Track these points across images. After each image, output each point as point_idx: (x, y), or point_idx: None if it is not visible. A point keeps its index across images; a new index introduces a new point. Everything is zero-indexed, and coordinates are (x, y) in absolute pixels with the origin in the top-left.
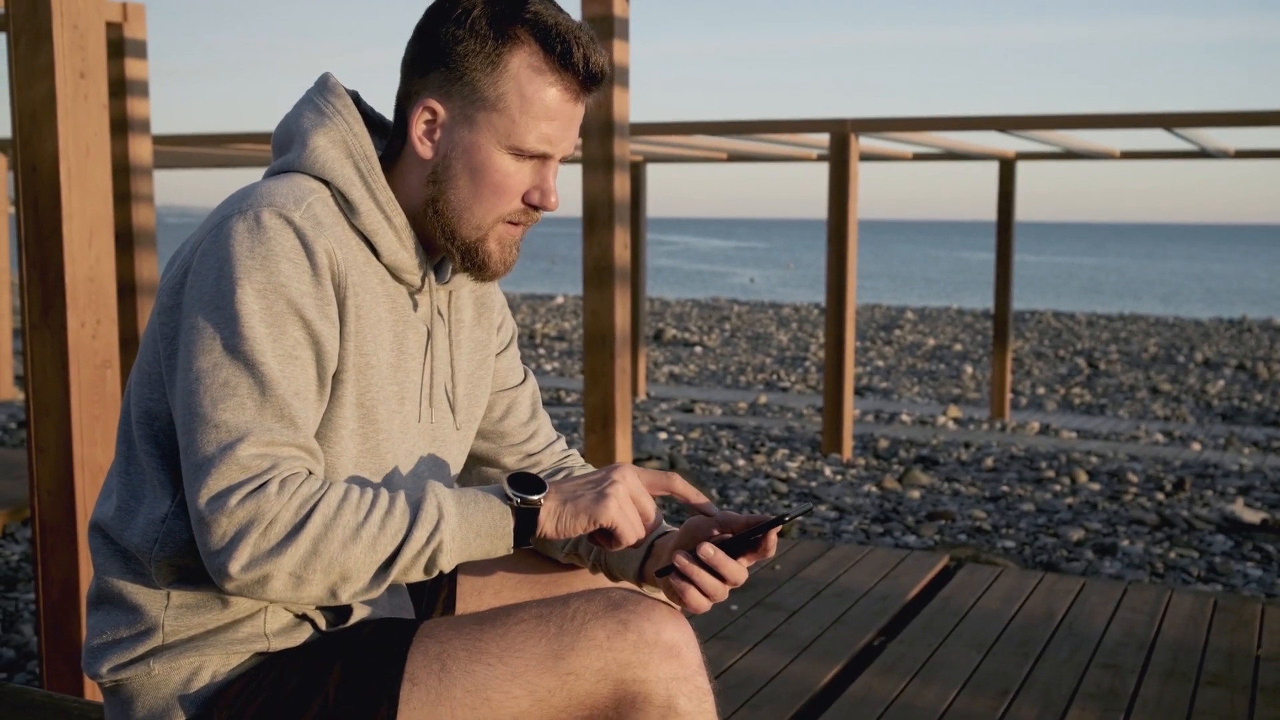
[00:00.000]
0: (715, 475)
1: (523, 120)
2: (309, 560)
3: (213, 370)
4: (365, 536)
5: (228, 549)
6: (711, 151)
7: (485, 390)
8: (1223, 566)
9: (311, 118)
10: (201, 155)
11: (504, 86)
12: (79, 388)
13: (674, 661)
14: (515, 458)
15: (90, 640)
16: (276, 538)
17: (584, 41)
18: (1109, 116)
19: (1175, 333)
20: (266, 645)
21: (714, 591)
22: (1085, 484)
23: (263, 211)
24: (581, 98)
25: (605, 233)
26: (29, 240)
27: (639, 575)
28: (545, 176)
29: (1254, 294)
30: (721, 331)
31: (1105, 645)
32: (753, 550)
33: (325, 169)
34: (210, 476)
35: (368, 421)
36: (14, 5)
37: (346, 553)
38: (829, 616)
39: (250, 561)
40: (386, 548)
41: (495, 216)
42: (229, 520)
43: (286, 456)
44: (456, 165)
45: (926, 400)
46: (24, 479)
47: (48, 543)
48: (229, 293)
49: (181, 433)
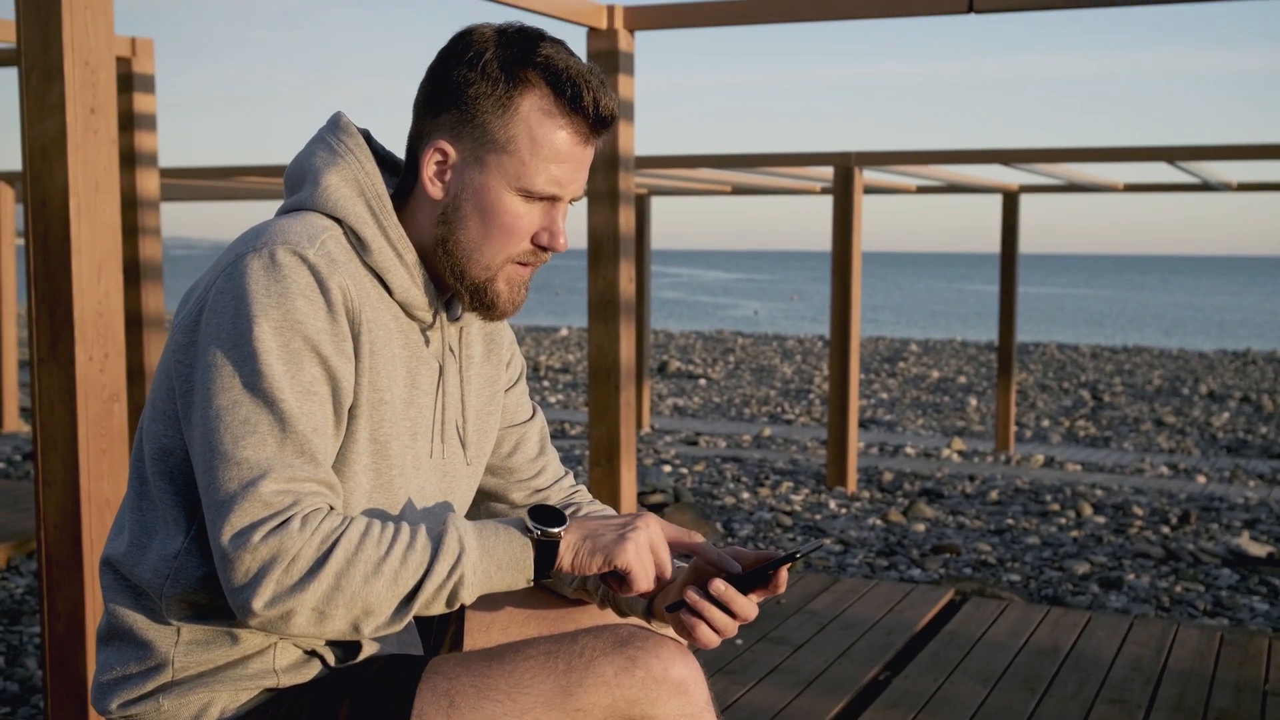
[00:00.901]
0: (720, 508)
1: (533, 162)
2: (332, 595)
3: (232, 408)
4: (387, 571)
5: (251, 585)
6: (716, 184)
7: (494, 426)
8: (1229, 600)
9: (324, 156)
10: (205, 188)
11: (515, 129)
12: (86, 421)
13: (682, 698)
14: (524, 493)
15: (100, 676)
16: (299, 573)
17: (594, 85)
18: (1112, 150)
19: (1179, 365)
20: (276, 681)
21: (724, 627)
22: (1090, 517)
23: (277, 249)
24: (591, 140)
25: (610, 266)
26: (38, 274)
27: (647, 611)
28: (554, 218)
29: (1257, 326)
30: (725, 364)
31: (1112, 680)
32: (763, 586)
33: (337, 207)
34: (233, 513)
35: (381, 457)
36: (26, 42)
37: (369, 587)
38: (834, 651)
39: (274, 598)
40: (409, 582)
41: (504, 257)
42: (252, 557)
43: (308, 492)
44: (467, 206)
45: (931, 433)
46: (29, 512)
47: (54, 577)
48: (246, 330)
49: (202, 470)
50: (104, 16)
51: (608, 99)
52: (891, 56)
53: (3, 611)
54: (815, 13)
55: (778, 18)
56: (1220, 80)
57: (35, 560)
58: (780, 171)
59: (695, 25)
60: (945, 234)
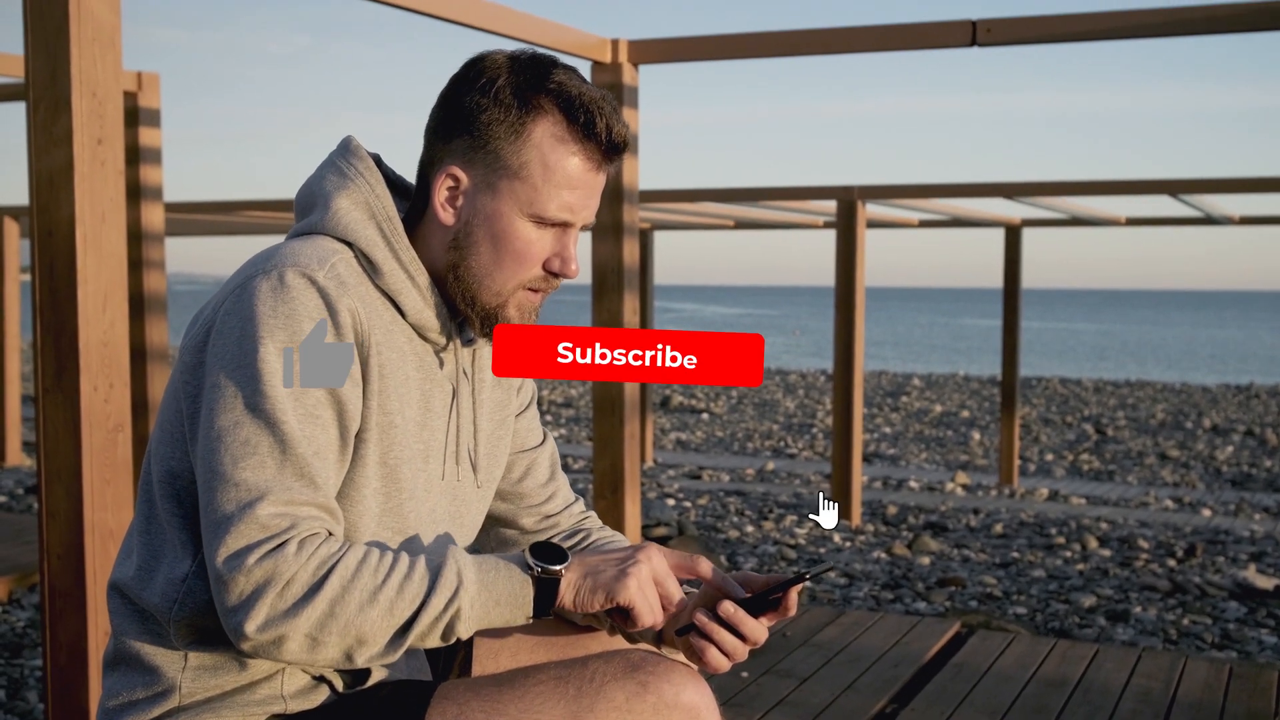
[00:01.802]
0: (724, 541)
1: (545, 189)
2: (325, 622)
3: (233, 429)
4: (383, 600)
5: (244, 607)
6: (718, 219)
7: (505, 450)
8: (1236, 633)
9: (334, 180)
10: (207, 223)
11: (527, 155)
12: (91, 452)
13: None
14: (534, 519)
15: (106, 701)
16: (293, 598)
17: (607, 112)
18: (1115, 183)
19: (1182, 399)
20: (284, 707)
21: (734, 651)
22: (1096, 550)
23: (286, 271)
24: (603, 167)
25: (614, 298)
26: (43, 305)
27: (658, 637)
28: (566, 244)
29: (1260, 360)
30: (728, 398)
31: (1121, 712)
32: (773, 609)
33: (348, 230)
34: (229, 535)
35: (391, 480)
36: (34, 73)
37: (363, 616)
38: (841, 683)
39: (266, 622)
40: (404, 612)
41: (516, 283)
42: (246, 579)
43: (306, 516)
44: (478, 232)
45: (934, 466)
46: (30, 545)
47: (56, 607)
48: (251, 351)
49: (201, 490)
50: (112, 48)
51: (620, 126)
52: (894, 92)
53: (4, 644)
54: (819, 47)
55: (782, 52)
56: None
57: (37, 593)
58: (783, 205)
59: (699, 59)
60: (946, 270)
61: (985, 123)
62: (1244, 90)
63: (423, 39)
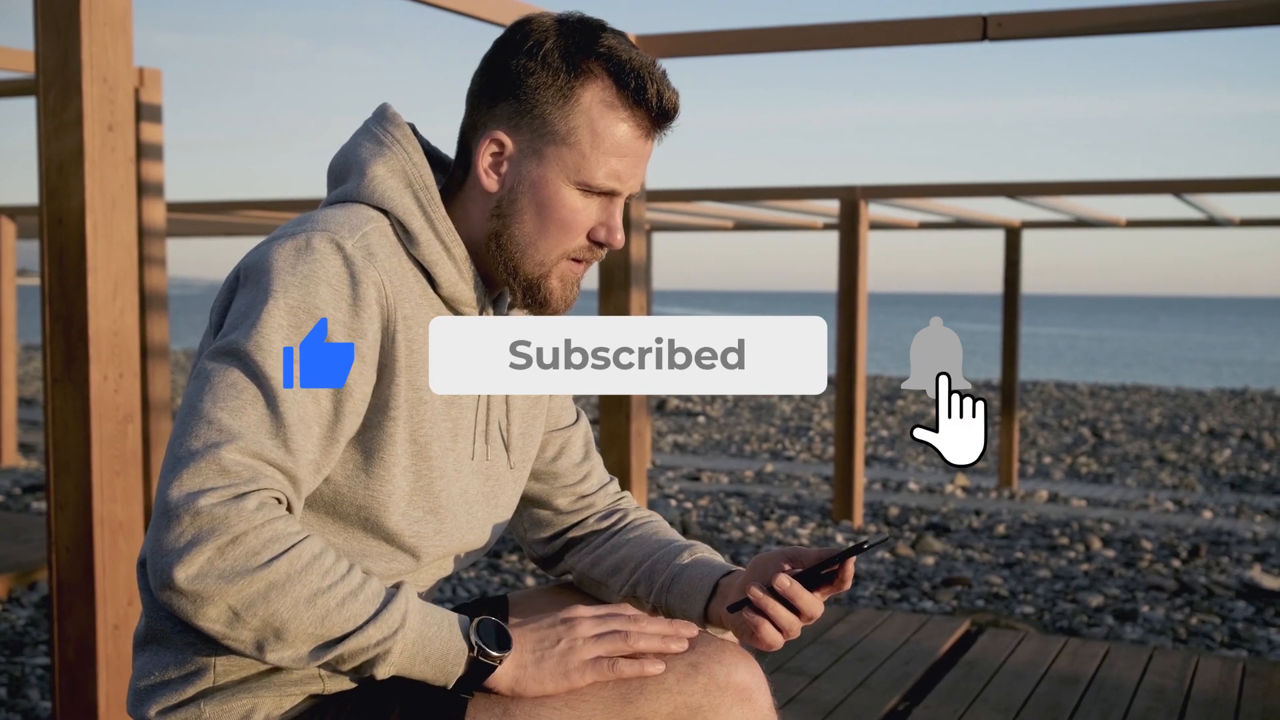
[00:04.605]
0: (727, 542)
1: (593, 155)
2: (255, 603)
3: (222, 371)
4: (320, 606)
5: (180, 552)
6: (717, 219)
7: (539, 430)
8: (1245, 632)
9: (370, 147)
10: (203, 223)
11: (575, 120)
12: (100, 443)
13: (746, 705)
14: (568, 499)
15: (137, 681)
16: (234, 563)
17: (657, 78)
18: (1117, 183)
19: (1178, 403)
20: (321, 687)
21: (789, 626)
22: (1100, 550)
23: (315, 236)
24: (652, 134)
25: (621, 295)
26: (53, 294)
27: (703, 617)
28: (612, 213)
29: (1253, 364)
30: (724, 401)
31: (1135, 710)
32: (828, 583)
33: (384, 198)
34: (187, 470)
35: (421, 459)
36: (44, 59)
37: (295, 613)
38: (852, 681)
39: (199, 574)
40: (337, 628)
41: (560, 253)
42: (193, 521)
43: (269, 475)
44: (523, 199)
45: (932, 469)
46: (29, 543)
47: (65, 601)
48: (260, 304)
49: (175, 424)
50: (123, 34)
51: (670, 93)
52: (894, 97)
53: (4, 642)
54: (828, 41)
55: (791, 46)
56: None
57: (36, 592)
58: (783, 206)
59: (707, 54)
60: (942, 276)
61: (987, 128)
62: (1245, 93)
63: (420, 45)
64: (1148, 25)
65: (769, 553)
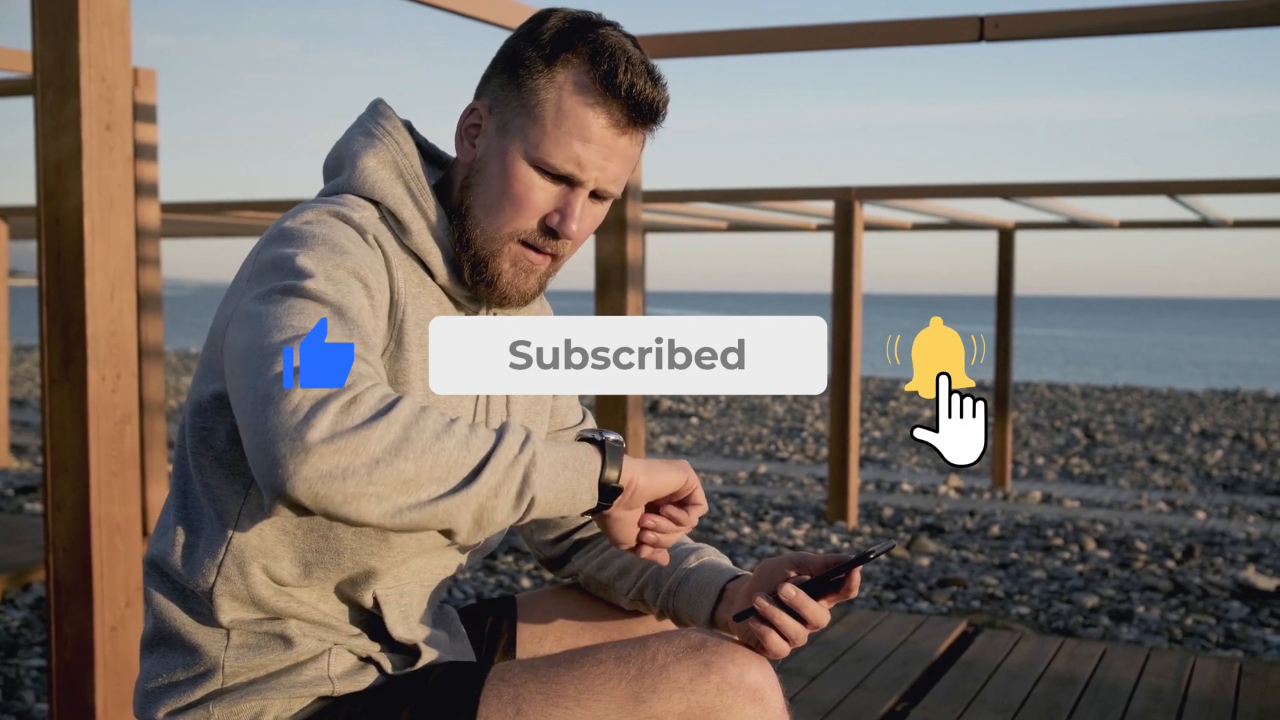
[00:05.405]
0: (722, 543)
1: (554, 134)
2: (400, 446)
3: (271, 307)
4: (457, 432)
5: (306, 419)
6: (711, 220)
7: (542, 429)
8: (1241, 632)
9: (361, 140)
10: (196, 223)
11: (545, 95)
12: (98, 443)
13: (758, 705)
14: None
15: (144, 683)
16: (363, 416)
17: (635, 69)
18: (1112, 184)
19: (1170, 404)
20: (331, 689)
21: (795, 635)
22: (1094, 551)
23: (320, 211)
24: (626, 129)
25: (618, 295)
26: (50, 293)
27: (710, 622)
28: (570, 202)
29: (1243, 366)
30: (717, 402)
31: (1133, 710)
32: (834, 591)
33: (375, 189)
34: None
35: None
36: (42, 58)
37: (440, 444)
38: (850, 681)
39: (332, 433)
40: (479, 448)
41: (509, 231)
42: (303, 395)
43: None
44: (488, 169)
45: (926, 470)
46: (22, 544)
47: (62, 602)
48: (290, 260)
49: (237, 375)
50: (121, 33)
51: (648, 88)
52: (890, 99)
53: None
54: (824, 42)
55: (785, 47)
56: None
57: (30, 593)
58: (777, 207)
59: (703, 54)
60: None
61: (982, 129)
62: (1239, 95)
63: (413, 48)
64: (1143, 26)
65: (775, 559)
